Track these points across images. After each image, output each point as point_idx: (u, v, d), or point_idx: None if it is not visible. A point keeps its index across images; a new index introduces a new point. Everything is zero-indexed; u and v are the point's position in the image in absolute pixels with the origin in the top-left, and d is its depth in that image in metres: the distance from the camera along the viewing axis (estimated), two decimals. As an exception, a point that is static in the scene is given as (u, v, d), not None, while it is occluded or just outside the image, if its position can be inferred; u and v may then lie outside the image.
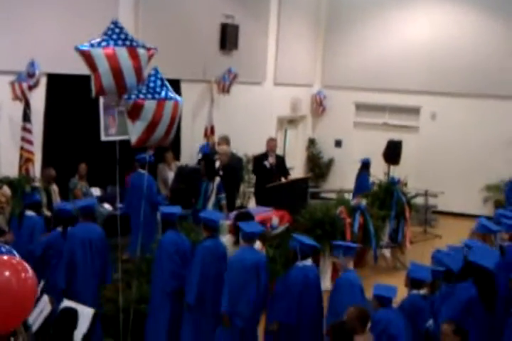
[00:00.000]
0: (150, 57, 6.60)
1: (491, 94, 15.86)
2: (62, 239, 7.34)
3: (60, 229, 7.46)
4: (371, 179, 13.07)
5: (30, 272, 3.84)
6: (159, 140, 6.85)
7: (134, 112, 6.55)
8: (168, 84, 6.77)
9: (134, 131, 6.64)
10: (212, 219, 7.16)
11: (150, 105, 6.53)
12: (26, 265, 3.88)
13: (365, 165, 13.73)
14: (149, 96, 6.54)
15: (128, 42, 6.39)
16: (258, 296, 6.70)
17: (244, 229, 6.91)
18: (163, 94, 6.62)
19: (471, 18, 15.99)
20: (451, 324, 5.37)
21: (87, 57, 6.25)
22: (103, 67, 6.26)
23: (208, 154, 11.71)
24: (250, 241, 6.86)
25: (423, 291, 6.32)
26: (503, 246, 7.47)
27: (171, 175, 11.71)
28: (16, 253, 5.71)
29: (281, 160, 12.32)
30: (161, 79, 6.69)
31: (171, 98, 6.68)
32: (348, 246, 6.74)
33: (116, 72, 6.32)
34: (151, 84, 6.60)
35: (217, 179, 10.22)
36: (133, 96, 6.50)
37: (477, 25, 15.94)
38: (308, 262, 6.74)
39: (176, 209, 7.51)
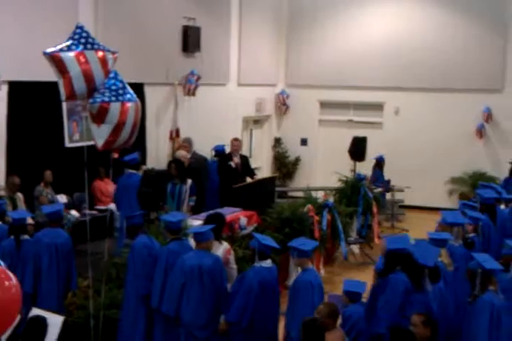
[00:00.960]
0: (114, 60, 6.59)
1: (450, 88, 16.05)
2: (15, 247, 7.30)
3: (12, 237, 7.38)
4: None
5: (14, 280, 3.79)
6: (124, 142, 6.84)
7: (100, 116, 6.49)
8: (128, 86, 6.75)
9: (100, 135, 6.57)
10: (172, 221, 7.05)
11: (115, 107, 6.49)
12: (9, 273, 3.83)
13: (379, 163, 13.93)
14: (113, 98, 6.51)
15: (96, 46, 6.38)
16: (203, 301, 6.51)
17: (192, 230, 6.86)
18: (126, 96, 6.60)
19: (429, 12, 16.16)
20: (421, 315, 5.43)
21: (57, 61, 6.19)
22: (74, 70, 6.22)
23: (221, 153, 12.15)
24: (202, 243, 6.70)
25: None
26: (468, 239, 7.59)
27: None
28: (0, 261, 5.63)
29: (245, 160, 12.33)
30: (121, 81, 6.66)
31: (133, 99, 6.67)
32: (300, 250, 6.47)
33: (88, 76, 6.30)
34: (113, 87, 6.55)
35: (189, 181, 10.21)
36: (98, 100, 6.46)
37: (435, 20, 16.12)
38: (267, 263, 6.53)
39: (139, 212, 7.54)
